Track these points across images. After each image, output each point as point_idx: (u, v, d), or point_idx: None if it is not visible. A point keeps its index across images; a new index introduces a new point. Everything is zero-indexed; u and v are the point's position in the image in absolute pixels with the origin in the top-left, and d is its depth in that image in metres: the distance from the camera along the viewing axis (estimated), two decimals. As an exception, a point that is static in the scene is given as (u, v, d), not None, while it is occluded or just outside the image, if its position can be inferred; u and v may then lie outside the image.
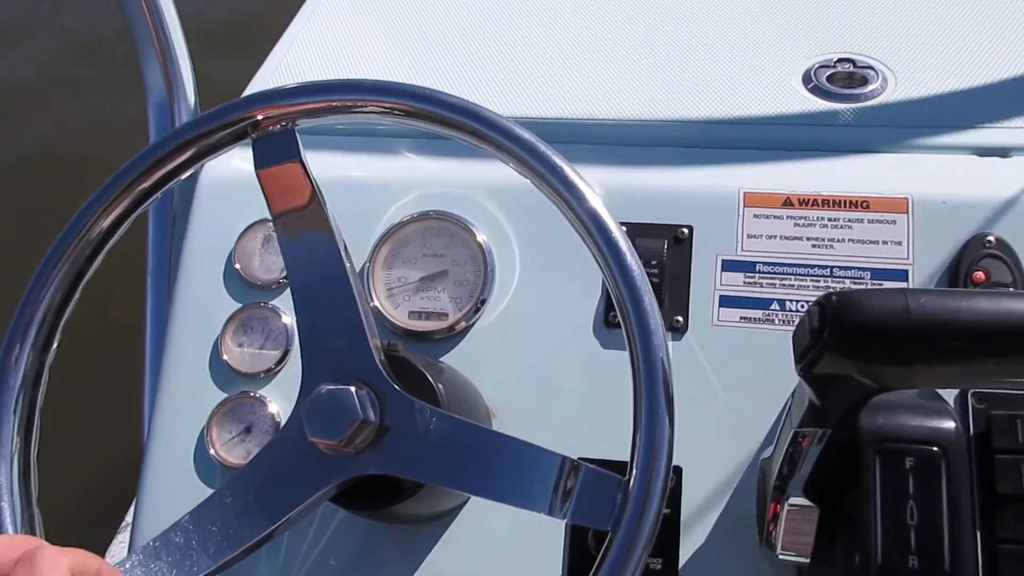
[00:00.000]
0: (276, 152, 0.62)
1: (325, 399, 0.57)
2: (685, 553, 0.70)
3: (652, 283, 0.75)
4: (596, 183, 0.80)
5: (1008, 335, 0.44)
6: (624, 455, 0.73)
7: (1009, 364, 0.46)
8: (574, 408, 0.75)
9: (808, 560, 0.61)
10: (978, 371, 0.47)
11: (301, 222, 0.61)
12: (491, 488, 0.55)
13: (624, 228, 0.56)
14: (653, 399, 0.50)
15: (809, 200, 0.77)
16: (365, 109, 0.61)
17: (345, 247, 0.62)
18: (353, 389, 0.57)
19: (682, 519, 0.71)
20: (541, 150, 0.57)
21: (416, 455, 0.57)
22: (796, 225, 0.77)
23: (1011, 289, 0.70)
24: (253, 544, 0.57)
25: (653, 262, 0.76)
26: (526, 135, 0.58)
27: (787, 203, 0.77)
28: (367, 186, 0.85)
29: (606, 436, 0.73)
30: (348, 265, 0.61)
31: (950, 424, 0.57)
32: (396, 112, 0.61)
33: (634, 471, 0.50)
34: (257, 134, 0.62)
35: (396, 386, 0.59)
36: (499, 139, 0.58)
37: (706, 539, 0.70)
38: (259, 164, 0.62)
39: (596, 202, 0.56)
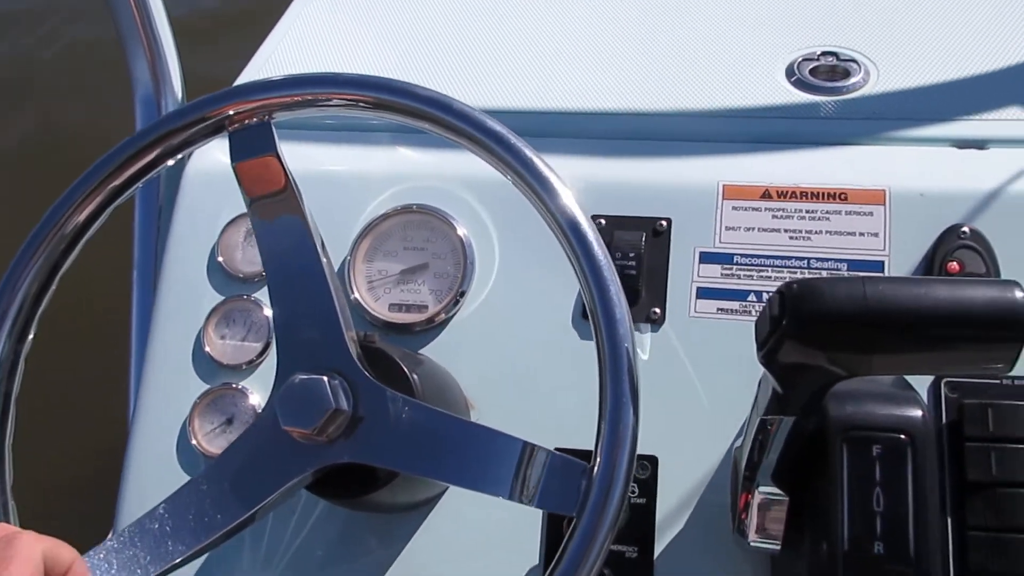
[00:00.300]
0: (252, 145, 0.63)
1: (298, 388, 0.57)
2: (661, 542, 0.71)
3: (629, 275, 0.76)
4: (575, 176, 0.81)
5: (964, 322, 0.45)
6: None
7: (966, 351, 0.46)
8: (553, 399, 0.76)
9: (779, 547, 0.62)
10: (936, 358, 0.47)
11: (276, 210, 0.61)
12: (462, 476, 0.56)
13: (594, 220, 0.56)
14: (618, 387, 0.50)
15: (787, 192, 0.78)
16: (338, 103, 0.62)
17: (322, 241, 0.62)
18: (326, 379, 0.57)
19: (657, 508, 0.72)
20: (512, 142, 0.58)
21: (389, 444, 0.58)
22: (774, 217, 0.77)
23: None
24: (228, 531, 0.58)
25: (631, 254, 0.76)
26: (497, 127, 0.58)
27: (766, 195, 0.78)
28: (349, 181, 0.85)
29: (586, 426, 0.73)
30: (324, 259, 0.62)
31: (917, 412, 0.58)
32: (369, 104, 0.61)
33: (598, 459, 0.50)
34: (234, 128, 0.63)
35: (370, 376, 0.59)
36: (470, 131, 0.58)
37: (682, 528, 0.71)
38: (235, 157, 0.63)
39: (565, 194, 0.56)
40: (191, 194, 0.87)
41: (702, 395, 0.74)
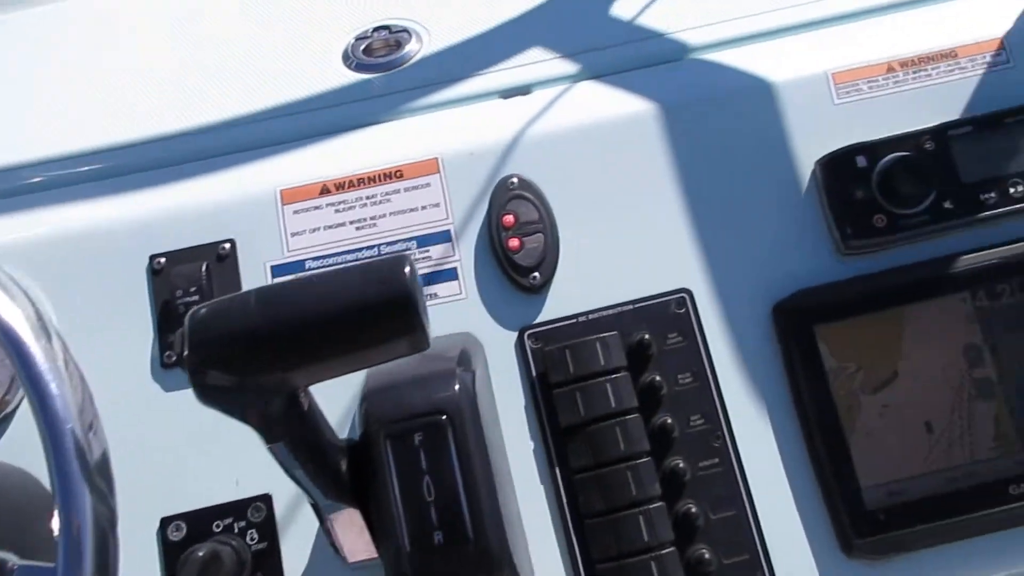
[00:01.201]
0: None
1: None
2: None
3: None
4: (117, 220, 0.74)
5: (359, 317, 0.42)
6: (214, 497, 0.69)
7: (378, 344, 0.44)
8: (149, 460, 0.69)
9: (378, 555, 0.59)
10: (353, 358, 0.44)
11: None
12: None
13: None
14: (65, 473, 0.44)
15: (345, 183, 0.74)
16: None
17: None
18: None
19: (283, 549, 0.67)
20: None
21: None
22: (337, 211, 0.74)
23: (538, 227, 0.71)
24: None
25: (192, 289, 0.70)
26: None
27: (324, 191, 0.74)
28: None
29: (192, 482, 0.68)
30: None
31: (451, 386, 0.56)
32: None
33: (59, 558, 0.44)
34: None
35: None
36: None
37: (306, 565, 0.67)
38: None
39: None
40: None
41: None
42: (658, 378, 0.68)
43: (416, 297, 0.43)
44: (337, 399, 0.67)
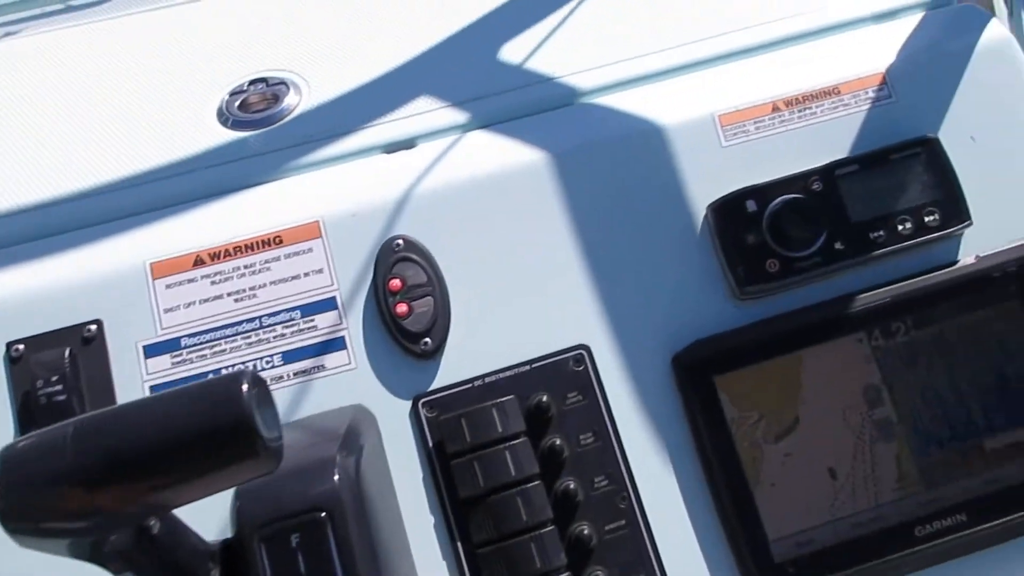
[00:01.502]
0: None
1: None
2: None
3: (58, 401, 0.65)
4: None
5: (196, 447, 0.38)
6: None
7: (219, 471, 0.40)
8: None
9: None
10: (195, 488, 0.40)
11: None
12: None
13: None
14: None
15: (220, 252, 0.70)
16: None
17: None
18: None
19: None
20: None
21: None
22: (213, 283, 0.69)
23: (427, 290, 0.68)
24: None
25: (54, 378, 0.65)
26: None
27: (198, 262, 0.70)
28: None
29: None
30: None
31: (331, 479, 0.53)
32: None
33: None
34: None
35: None
36: None
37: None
38: None
39: None
40: None
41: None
42: (558, 441, 0.65)
43: (253, 420, 0.39)
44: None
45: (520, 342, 0.69)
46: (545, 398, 0.66)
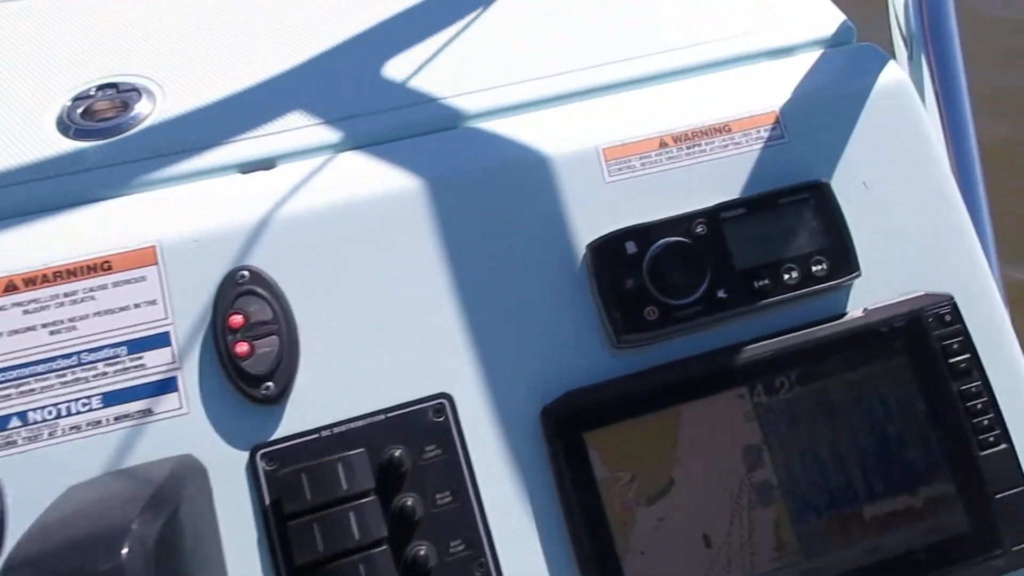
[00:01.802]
0: None
1: None
2: None
3: None
4: None
5: None
6: None
7: None
8: None
9: None
10: None
11: None
12: None
13: None
14: None
15: (36, 278, 0.62)
16: None
17: None
18: None
19: None
20: None
21: None
22: (26, 313, 0.61)
23: (272, 328, 0.61)
24: None
25: None
26: None
27: (10, 288, 0.61)
28: None
29: None
30: None
31: (119, 553, 0.45)
32: None
33: None
34: None
35: None
36: None
37: None
38: None
39: None
40: None
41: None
42: (410, 502, 0.59)
43: None
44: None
45: (375, 389, 0.62)
46: (399, 452, 0.60)
